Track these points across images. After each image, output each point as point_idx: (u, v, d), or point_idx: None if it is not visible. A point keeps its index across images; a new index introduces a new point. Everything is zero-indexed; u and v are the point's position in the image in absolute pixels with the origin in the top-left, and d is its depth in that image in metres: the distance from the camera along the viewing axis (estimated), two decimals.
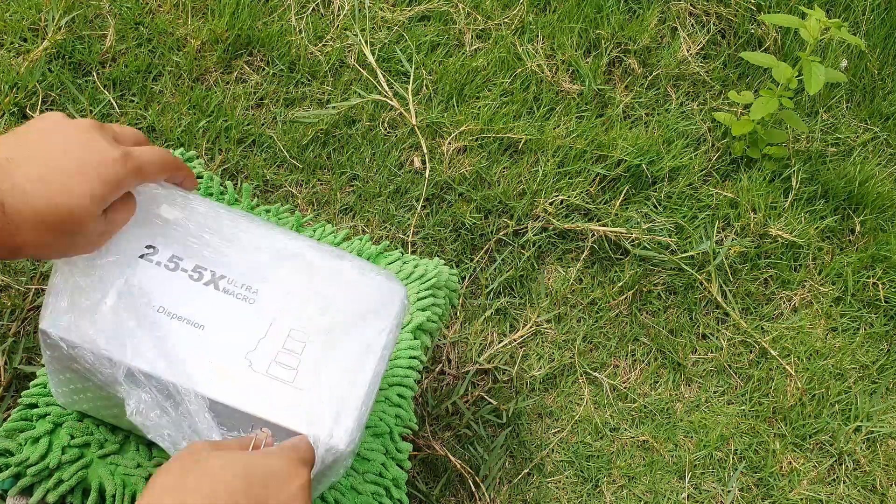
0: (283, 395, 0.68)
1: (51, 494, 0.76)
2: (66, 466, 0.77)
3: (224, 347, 0.69)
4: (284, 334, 0.71)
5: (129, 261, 0.70)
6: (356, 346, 0.72)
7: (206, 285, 0.71)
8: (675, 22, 1.43)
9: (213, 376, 0.68)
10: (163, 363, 0.67)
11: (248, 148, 1.22)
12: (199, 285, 0.71)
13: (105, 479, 0.76)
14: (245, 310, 0.71)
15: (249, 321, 0.71)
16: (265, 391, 0.68)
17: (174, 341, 0.68)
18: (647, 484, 1.14)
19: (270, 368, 0.69)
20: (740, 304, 1.28)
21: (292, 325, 0.72)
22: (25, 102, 1.18)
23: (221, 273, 0.72)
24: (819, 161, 1.39)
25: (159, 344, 0.68)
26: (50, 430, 0.78)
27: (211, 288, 0.71)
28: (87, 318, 0.67)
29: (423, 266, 0.96)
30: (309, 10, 1.32)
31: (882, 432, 1.22)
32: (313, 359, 0.71)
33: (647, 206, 1.30)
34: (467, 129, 1.27)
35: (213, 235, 0.74)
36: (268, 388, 0.68)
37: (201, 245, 0.73)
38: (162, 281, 0.70)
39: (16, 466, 0.76)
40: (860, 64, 1.47)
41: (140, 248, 0.71)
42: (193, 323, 0.69)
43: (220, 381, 0.68)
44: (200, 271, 0.72)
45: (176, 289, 0.70)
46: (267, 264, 0.74)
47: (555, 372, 1.19)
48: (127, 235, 0.71)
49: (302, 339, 0.71)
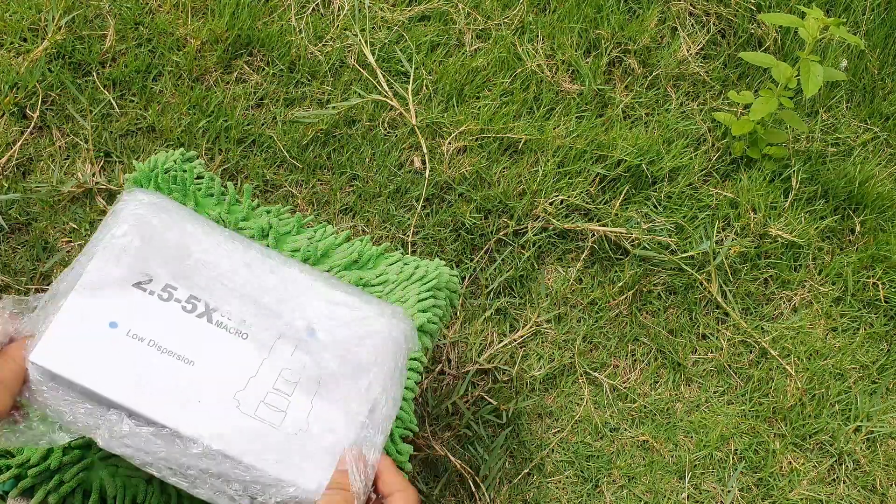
0: (270, 440, 0.66)
1: (52, 496, 0.76)
2: (67, 468, 0.77)
3: (213, 386, 0.67)
4: (276, 374, 0.69)
5: (124, 290, 0.69)
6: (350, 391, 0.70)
7: (199, 317, 0.69)
8: (675, 22, 1.43)
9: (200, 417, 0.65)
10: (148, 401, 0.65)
11: (248, 148, 1.22)
12: (192, 317, 0.69)
13: (106, 481, 0.76)
14: (237, 345, 0.69)
15: (241, 358, 0.69)
16: (251, 434, 0.66)
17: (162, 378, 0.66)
18: (647, 484, 1.14)
19: (258, 410, 0.67)
20: (740, 304, 1.28)
21: (284, 365, 0.69)
22: (25, 102, 1.18)
23: (215, 305, 0.70)
24: (819, 161, 1.39)
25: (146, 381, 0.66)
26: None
27: (204, 321, 0.69)
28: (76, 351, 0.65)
29: (424, 267, 0.96)
30: (309, 10, 1.32)
31: (882, 432, 1.23)
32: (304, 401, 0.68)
33: (647, 206, 1.30)
34: (467, 129, 1.27)
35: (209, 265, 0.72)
36: (255, 431, 0.66)
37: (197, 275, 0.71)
38: (155, 312, 0.68)
39: (17, 468, 0.76)
40: (860, 64, 1.47)
41: (135, 275, 0.69)
42: (184, 359, 0.67)
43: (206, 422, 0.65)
44: (194, 302, 0.70)
45: (168, 321, 0.68)
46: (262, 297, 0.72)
47: (555, 372, 1.19)
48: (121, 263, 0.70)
49: (293, 378, 0.69)
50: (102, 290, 0.68)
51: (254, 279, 0.73)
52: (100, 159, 1.17)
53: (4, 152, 1.15)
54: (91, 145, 1.17)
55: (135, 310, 0.68)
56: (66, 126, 1.18)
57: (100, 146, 1.17)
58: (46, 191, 1.13)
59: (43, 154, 1.17)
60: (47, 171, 1.15)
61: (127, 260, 0.70)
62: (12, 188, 1.13)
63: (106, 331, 0.67)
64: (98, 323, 0.67)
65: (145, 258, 0.70)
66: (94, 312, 0.67)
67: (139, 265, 0.70)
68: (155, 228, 0.72)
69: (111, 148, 1.18)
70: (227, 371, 0.68)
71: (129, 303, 0.68)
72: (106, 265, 0.69)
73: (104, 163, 1.17)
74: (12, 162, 1.15)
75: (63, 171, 1.15)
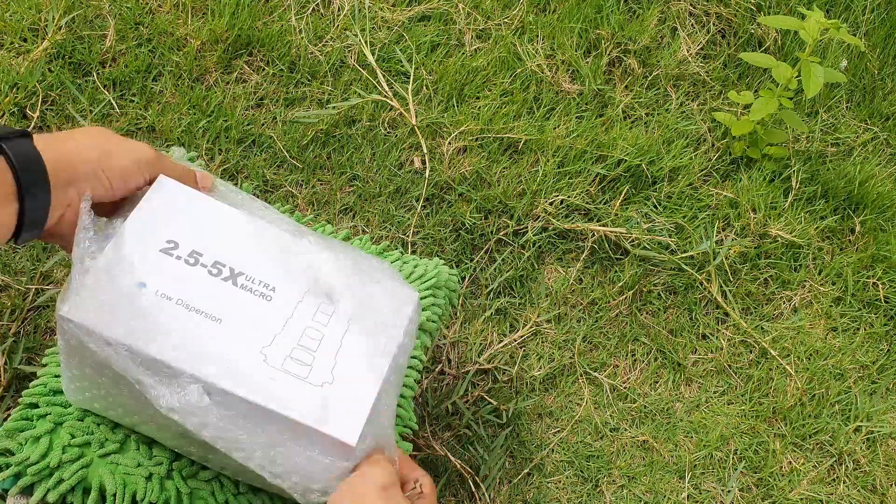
0: (297, 390, 0.69)
1: (51, 494, 0.76)
2: (66, 465, 0.77)
3: (240, 341, 0.70)
4: (300, 331, 0.72)
5: (150, 254, 0.72)
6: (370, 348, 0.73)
7: (224, 281, 0.72)
8: (675, 22, 1.43)
9: (229, 368, 0.69)
10: (178, 353, 0.68)
11: (248, 148, 1.22)
12: (217, 280, 0.72)
13: (105, 479, 0.76)
14: (262, 306, 0.72)
15: (266, 317, 0.72)
16: (279, 385, 0.69)
17: (191, 332, 0.69)
18: (647, 484, 1.14)
19: (285, 363, 0.70)
20: (740, 304, 1.28)
21: (308, 324, 0.73)
22: (25, 102, 1.18)
23: (240, 270, 0.73)
24: (819, 161, 1.39)
25: (175, 334, 0.69)
26: (50, 429, 0.78)
27: (229, 284, 0.72)
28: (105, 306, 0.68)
29: (423, 266, 0.96)
30: (309, 10, 1.32)
31: (882, 432, 1.22)
32: (328, 357, 0.72)
33: (647, 206, 1.30)
34: (467, 129, 1.27)
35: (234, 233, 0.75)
36: (282, 382, 0.69)
37: (222, 242, 0.75)
38: (181, 275, 0.72)
39: (16, 466, 0.76)
40: (860, 64, 1.47)
41: (161, 242, 0.73)
42: (211, 316, 0.70)
43: (235, 373, 0.68)
44: (220, 267, 0.73)
45: (195, 283, 0.71)
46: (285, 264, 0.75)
47: (555, 372, 1.19)
48: (148, 229, 0.73)
49: (317, 337, 0.72)
50: (131, 254, 0.71)
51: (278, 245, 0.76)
52: None
53: None
54: None
55: (162, 272, 0.71)
56: (66, 126, 1.18)
57: None
58: None
59: None
60: None
61: (154, 227, 0.73)
62: None
63: (135, 290, 0.69)
64: (127, 282, 0.70)
65: (172, 226, 0.74)
66: (123, 273, 0.70)
67: (166, 232, 0.73)
68: (182, 198, 0.76)
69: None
70: (254, 328, 0.71)
71: (157, 266, 0.71)
72: (133, 232, 0.72)
73: None
74: None
75: None
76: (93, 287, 0.68)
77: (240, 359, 0.69)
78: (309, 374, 0.70)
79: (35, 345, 1.01)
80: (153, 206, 0.75)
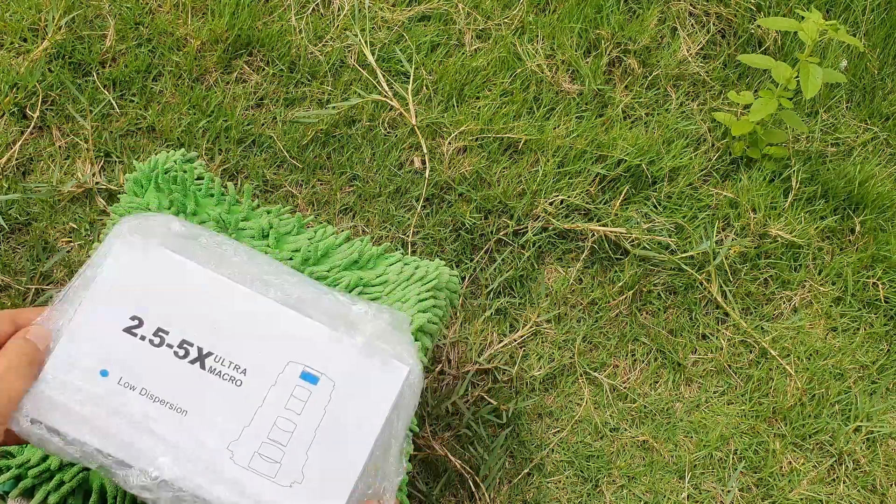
0: (263, 493, 0.65)
1: (52, 496, 0.75)
2: (67, 468, 0.76)
3: (206, 437, 0.66)
4: (270, 423, 0.67)
5: (113, 336, 0.67)
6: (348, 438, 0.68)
7: (191, 364, 0.67)
8: (675, 22, 1.43)
9: (195, 468, 0.65)
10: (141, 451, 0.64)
11: (248, 148, 1.22)
12: (184, 364, 0.67)
13: (106, 482, 0.76)
14: (231, 393, 0.67)
15: (235, 406, 0.67)
16: (245, 487, 0.65)
17: (155, 428, 0.65)
18: (647, 484, 1.14)
19: (252, 461, 0.66)
20: (740, 304, 1.28)
21: (279, 413, 0.68)
22: (25, 102, 1.17)
23: (209, 350, 0.68)
24: (819, 161, 1.39)
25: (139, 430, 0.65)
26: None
27: (197, 367, 0.67)
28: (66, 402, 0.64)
29: (424, 267, 0.95)
30: (309, 10, 1.32)
31: (882, 432, 1.23)
32: (299, 452, 0.67)
33: (647, 206, 1.30)
34: (467, 129, 1.27)
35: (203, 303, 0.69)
36: (248, 483, 0.65)
37: (190, 315, 0.68)
38: (145, 358, 0.66)
39: (17, 468, 0.76)
40: (860, 64, 1.47)
41: (125, 319, 0.67)
42: (176, 408, 0.66)
43: (201, 474, 0.64)
44: (186, 348, 0.68)
45: (160, 368, 0.66)
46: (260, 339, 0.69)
47: (555, 372, 1.19)
48: (112, 301, 0.68)
49: (289, 428, 0.67)
50: (92, 337, 0.66)
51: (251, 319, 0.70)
52: (100, 159, 1.17)
53: (4, 152, 1.15)
54: (91, 145, 1.17)
55: (125, 357, 0.66)
56: (66, 126, 1.18)
57: (100, 146, 1.17)
58: (46, 191, 1.13)
59: (43, 154, 1.17)
60: (47, 171, 1.15)
61: (116, 301, 0.67)
62: (12, 188, 1.13)
63: (97, 379, 0.65)
64: (88, 371, 0.65)
65: (136, 299, 0.68)
66: (84, 361, 0.65)
67: (129, 307, 0.68)
68: (146, 266, 0.69)
69: (111, 148, 1.18)
70: (221, 421, 0.66)
71: (120, 349, 0.66)
72: (94, 310, 0.67)
73: (104, 163, 1.17)
74: (12, 162, 1.15)
75: (63, 171, 1.15)
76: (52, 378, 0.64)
77: (206, 458, 0.65)
78: (277, 472, 0.66)
79: None
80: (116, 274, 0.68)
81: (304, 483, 0.66)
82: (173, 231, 0.72)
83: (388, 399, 0.69)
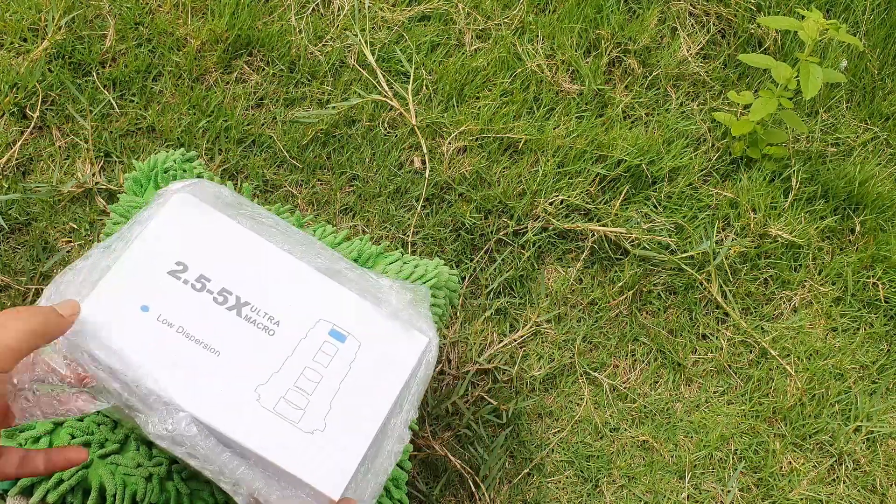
0: (286, 436, 0.67)
1: (51, 494, 0.76)
2: None
3: (236, 377, 0.68)
4: (298, 372, 0.70)
5: (157, 276, 0.70)
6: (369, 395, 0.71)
7: (229, 310, 0.71)
8: (675, 22, 1.43)
9: (221, 404, 0.67)
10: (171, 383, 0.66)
11: (248, 148, 1.22)
12: (222, 309, 0.70)
13: (105, 479, 0.76)
14: (263, 340, 0.70)
15: (265, 353, 0.70)
16: (268, 428, 0.67)
17: (186, 363, 0.68)
18: (647, 484, 1.14)
19: (278, 406, 0.68)
20: (740, 304, 1.28)
21: (307, 364, 0.71)
22: (25, 102, 1.18)
23: (246, 300, 0.71)
24: (819, 161, 1.39)
25: (171, 363, 0.67)
26: (50, 429, 0.78)
27: (234, 314, 0.71)
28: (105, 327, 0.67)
29: (424, 266, 0.96)
30: (309, 10, 1.32)
31: (882, 432, 1.22)
32: (323, 402, 0.70)
33: (647, 206, 1.30)
34: (467, 129, 1.27)
35: (246, 260, 0.73)
36: (271, 425, 0.67)
37: (232, 268, 0.72)
38: (186, 300, 0.70)
39: None
40: (860, 64, 1.47)
41: (170, 263, 0.71)
42: (210, 348, 0.69)
43: (226, 411, 0.67)
44: (226, 295, 0.71)
45: (198, 310, 0.70)
46: (295, 296, 0.73)
47: (555, 372, 1.19)
48: (159, 248, 0.71)
49: (315, 378, 0.70)
50: (137, 274, 0.70)
51: (287, 278, 0.74)
52: (100, 159, 1.17)
53: (4, 152, 1.15)
54: (91, 145, 1.17)
55: (166, 296, 0.70)
56: (66, 126, 1.18)
57: (100, 146, 1.18)
58: (46, 191, 1.13)
59: (43, 154, 1.17)
60: (47, 171, 1.15)
61: (163, 248, 0.71)
62: (12, 188, 1.13)
63: (137, 314, 0.68)
64: (131, 305, 0.68)
65: (182, 248, 0.72)
66: (128, 294, 0.69)
67: (175, 254, 0.72)
68: (195, 220, 0.74)
69: (111, 148, 1.18)
70: (252, 364, 0.69)
71: (162, 289, 0.70)
72: (142, 252, 0.71)
73: (104, 163, 1.18)
74: (12, 162, 1.15)
75: (63, 171, 1.15)
76: (94, 306, 0.67)
77: (233, 397, 0.67)
78: (301, 419, 0.68)
79: None
80: (167, 222, 0.73)
81: (325, 432, 0.68)
82: (222, 196, 0.77)
83: (408, 365, 0.73)
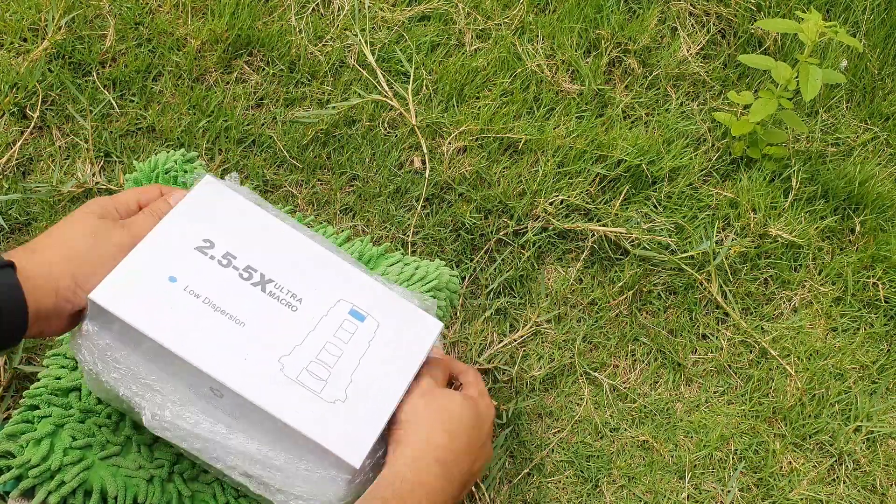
0: (307, 404, 0.69)
1: (52, 496, 0.76)
2: (67, 468, 0.77)
3: (260, 347, 0.71)
4: (320, 346, 0.73)
5: (185, 251, 0.73)
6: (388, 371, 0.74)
7: (254, 286, 0.73)
8: (675, 22, 1.43)
9: (244, 371, 0.69)
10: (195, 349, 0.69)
11: (248, 148, 1.22)
12: (247, 285, 0.73)
13: (107, 481, 0.76)
14: (287, 316, 0.73)
15: (289, 327, 0.73)
16: (290, 396, 0.69)
17: (212, 332, 0.70)
18: (647, 484, 1.15)
19: (301, 375, 0.71)
20: (740, 305, 1.28)
21: (329, 339, 0.73)
22: (25, 102, 1.18)
23: (270, 277, 0.74)
24: (819, 161, 1.40)
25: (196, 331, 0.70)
26: (52, 431, 0.78)
27: (258, 289, 0.73)
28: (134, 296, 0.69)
29: (424, 268, 0.96)
30: (309, 10, 1.32)
31: (882, 432, 1.23)
32: (344, 375, 0.72)
33: (647, 206, 1.30)
34: (467, 129, 1.27)
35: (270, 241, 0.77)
36: (294, 393, 0.70)
37: (257, 248, 0.76)
38: (213, 274, 0.73)
39: (17, 468, 0.77)
40: (860, 64, 1.47)
41: (198, 240, 0.74)
42: (235, 319, 0.71)
43: (248, 377, 0.69)
44: (251, 272, 0.74)
45: (224, 284, 0.73)
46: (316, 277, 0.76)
47: (555, 372, 1.19)
48: (187, 226, 0.74)
49: (336, 353, 0.73)
50: (166, 247, 0.73)
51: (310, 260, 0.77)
52: (100, 159, 1.17)
53: (4, 152, 1.15)
54: (91, 145, 1.17)
55: (194, 269, 0.72)
56: (66, 126, 1.18)
57: (100, 146, 1.17)
58: (46, 191, 1.13)
59: (43, 154, 1.17)
60: (47, 171, 1.15)
61: (192, 226, 0.74)
62: (12, 188, 1.13)
63: (165, 283, 0.71)
64: (158, 275, 0.71)
65: (210, 226, 0.75)
66: (156, 265, 0.71)
67: (203, 232, 0.75)
68: (224, 202, 0.77)
69: (111, 148, 1.18)
70: (275, 336, 0.72)
71: (190, 263, 0.73)
72: (172, 227, 0.74)
73: (104, 163, 1.17)
74: (12, 162, 1.15)
75: (63, 171, 1.15)
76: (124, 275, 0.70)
77: (258, 365, 0.70)
78: (323, 389, 0.71)
79: (35, 345, 1.01)
80: (197, 203, 0.76)
81: (346, 403, 0.71)
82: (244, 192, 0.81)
83: (425, 348, 0.77)
